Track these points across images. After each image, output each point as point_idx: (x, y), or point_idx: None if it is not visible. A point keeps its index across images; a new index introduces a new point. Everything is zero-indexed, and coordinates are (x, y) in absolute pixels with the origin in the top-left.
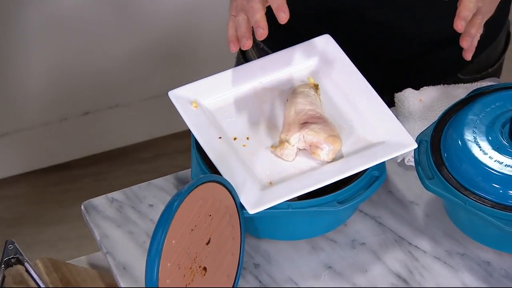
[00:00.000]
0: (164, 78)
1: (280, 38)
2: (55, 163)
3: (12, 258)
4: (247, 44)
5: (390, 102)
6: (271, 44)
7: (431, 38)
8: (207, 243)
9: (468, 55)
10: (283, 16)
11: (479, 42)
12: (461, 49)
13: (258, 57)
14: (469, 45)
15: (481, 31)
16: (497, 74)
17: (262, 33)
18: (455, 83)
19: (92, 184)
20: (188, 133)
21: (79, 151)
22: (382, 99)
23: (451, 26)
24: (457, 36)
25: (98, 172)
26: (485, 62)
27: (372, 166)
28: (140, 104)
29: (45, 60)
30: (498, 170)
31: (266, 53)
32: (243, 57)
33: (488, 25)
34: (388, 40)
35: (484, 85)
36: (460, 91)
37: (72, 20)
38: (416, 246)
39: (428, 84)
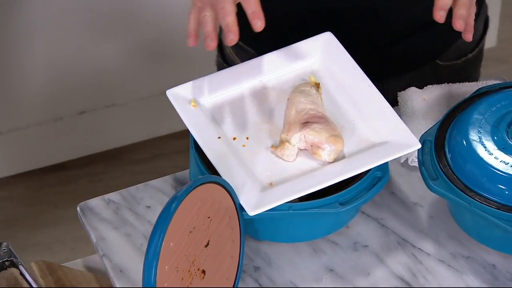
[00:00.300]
0: (162, 76)
1: (259, 35)
2: (50, 163)
3: (6, 260)
4: (212, 46)
5: None
6: (251, 42)
7: (407, 24)
8: (206, 246)
9: (467, 36)
10: (258, 25)
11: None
12: (438, 35)
13: (236, 55)
14: (463, 27)
15: (474, 9)
16: (477, 60)
17: (233, 39)
18: (433, 70)
19: (88, 185)
20: (186, 133)
21: (75, 151)
22: None
23: (428, 11)
24: (433, 21)
25: (94, 172)
26: (464, 48)
27: (375, 167)
28: (138, 103)
29: (40, 58)
30: (504, 170)
31: (245, 51)
32: (222, 58)
33: None
34: (364, 26)
35: (490, 83)
36: (465, 89)
37: (68, 17)
38: (419, 249)
39: (404, 71)
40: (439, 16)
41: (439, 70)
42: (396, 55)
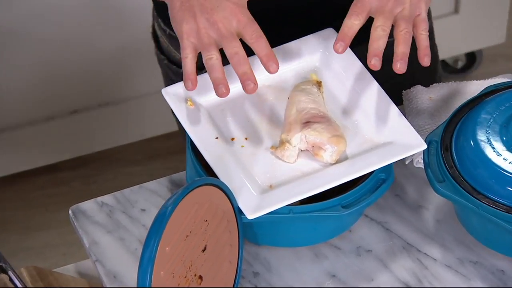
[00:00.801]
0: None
1: None
2: (41, 164)
3: None
4: (226, 94)
5: None
6: None
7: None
8: (203, 250)
9: (424, 61)
10: (273, 67)
11: None
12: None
13: (170, 45)
14: (404, 69)
15: (424, 26)
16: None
17: (253, 88)
18: None
19: (81, 188)
20: (183, 133)
21: (67, 152)
22: None
23: None
24: None
25: (87, 174)
26: None
27: (379, 168)
28: (132, 102)
29: (30, 55)
30: None
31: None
32: (159, 49)
33: None
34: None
35: (498, 81)
36: (473, 88)
37: (59, 11)
38: (425, 254)
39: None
40: (372, 65)
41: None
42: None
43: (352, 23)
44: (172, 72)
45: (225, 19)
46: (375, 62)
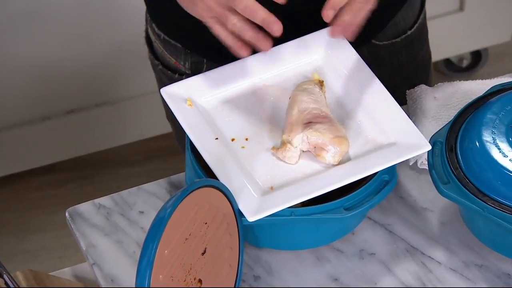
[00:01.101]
0: None
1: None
2: (38, 165)
3: None
4: (270, 45)
5: None
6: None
7: None
8: (203, 253)
9: (324, 15)
10: (275, 28)
11: (391, 4)
12: (371, 14)
13: (164, 49)
14: (338, 35)
15: (369, 5)
16: (419, 37)
17: (279, 29)
18: (371, 51)
19: (78, 189)
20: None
21: (64, 153)
22: None
23: None
24: None
25: (84, 175)
26: (402, 25)
27: (382, 170)
28: (130, 102)
29: (26, 54)
30: None
31: (173, 45)
32: (152, 53)
33: None
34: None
35: (504, 81)
36: (478, 87)
37: (55, 9)
38: (430, 257)
39: None
40: (326, 15)
41: (377, 50)
42: None
43: None
44: (167, 77)
45: None
46: (329, 14)
